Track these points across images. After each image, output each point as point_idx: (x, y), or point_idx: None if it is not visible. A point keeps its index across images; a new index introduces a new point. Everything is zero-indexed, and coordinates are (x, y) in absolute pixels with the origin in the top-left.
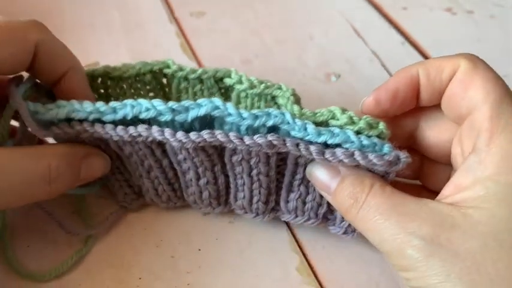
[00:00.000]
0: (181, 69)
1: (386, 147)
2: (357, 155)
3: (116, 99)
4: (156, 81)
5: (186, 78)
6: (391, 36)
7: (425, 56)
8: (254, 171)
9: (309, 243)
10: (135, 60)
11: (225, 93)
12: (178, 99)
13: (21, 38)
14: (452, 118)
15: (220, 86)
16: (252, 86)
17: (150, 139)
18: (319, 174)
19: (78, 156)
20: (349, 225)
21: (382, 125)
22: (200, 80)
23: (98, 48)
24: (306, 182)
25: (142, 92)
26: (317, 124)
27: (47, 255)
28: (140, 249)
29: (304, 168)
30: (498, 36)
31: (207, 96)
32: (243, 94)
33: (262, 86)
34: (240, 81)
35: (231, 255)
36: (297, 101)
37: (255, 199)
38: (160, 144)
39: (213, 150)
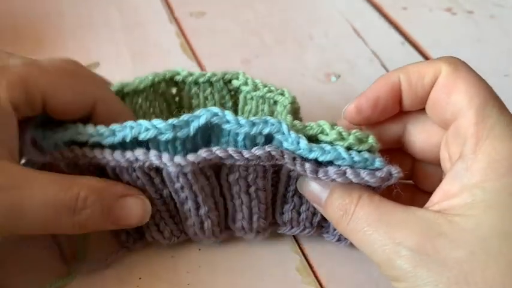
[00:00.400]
0: (191, 74)
1: (378, 162)
2: (349, 174)
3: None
4: (169, 90)
5: (196, 83)
6: (391, 36)
7: (425, 56)
8: (252, 188)
9: (309, 243)
10: (135, 60)
11: (234, 95)
12: (190, 105)
13: (85, 93)
14: (438, 123)
15: (229, 88)
16: (255, 88)
17: (147, 164)
18: (310, 187)
19: (113, 195)
20: None
21: (371, 139)
22: (210, 83)
23: (98, 48)
24: (299, 192)
25: (158, 103)
26: (307, 137)
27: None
28: (140, 249)
29: (297, 180)
30: (498, 36)
31: (217, 100)
32: (248, 96)
33: (265, 89)
34: (245, 83)
35: (231, 255)
36: (295, 110)
37: (255, 217)
38: (159, 171)
39: (211, 172)
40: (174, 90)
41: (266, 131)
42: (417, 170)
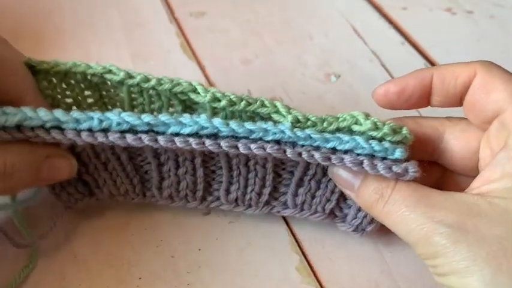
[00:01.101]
0: (130, 76)
1: (398, 152)
2: (366, 165)
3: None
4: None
5: (139, 86)
6: (391, 36)
7: (425, 56)
8: (251, 162)
9: (309, 243)
10: (135, 60)
11: (190, 107)
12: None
13: None
14: (478, 123)
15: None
16: (231, 104)
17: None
18: (342, 173)
19: (39, 156)
20: (360, 223)
21: (405, 130)
22: (157, 93)
23: (98, 48)
24: (317, 177)
25: (82, 91)
26: (339, 129)
27: None
28: (140, 249)
29: (317, 165)
30: (498, 36)
31: (166, 108)
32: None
33: (243, 103)
34: (215, 99)
35: (231, 255)
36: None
37: (249, 189)
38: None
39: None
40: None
41: (268, 138)
42: (447, 181)
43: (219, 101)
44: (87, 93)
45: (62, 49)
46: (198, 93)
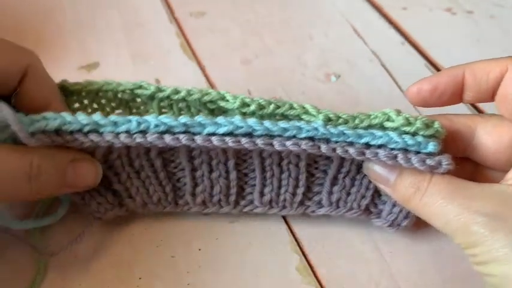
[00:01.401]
0: (160, 90)
1: (432, 145)
2: (400, 158)
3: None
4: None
5: (169, 99)
6: (391, 36)
7: (425, 56)
8: (284, 161)
9: (309, 243)
10: (136, 60)
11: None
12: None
13: (15, 57)
14: (511, 116)
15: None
16: (260, 108)
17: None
18: (378, 169)
19: (65, 159)
20: (396, 218)
21: (437, 124)
22: (187, 105)
23: (98, 48)
24: (351, 175)
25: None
26: (371, 127)
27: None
28: (140, 249)
29: (351, 163)
30: (498, 36)
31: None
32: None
33: (272, 106)
34: (244, 104)
35: (231, 255)
36: None
37: (283, 189)
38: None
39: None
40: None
41: (302, 135)
42: (479, 177)
43: (248, 106)
44: (117, 111)
45: (63, 49)
46: (227, 100)
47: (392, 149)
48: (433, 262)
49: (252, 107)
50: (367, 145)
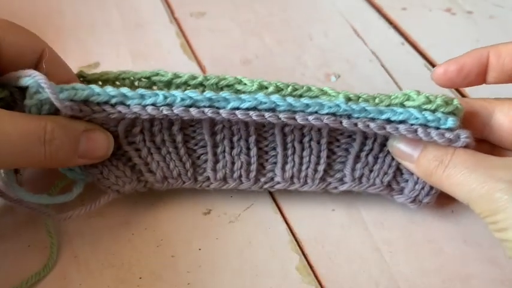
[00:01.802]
0: (177, 76)
1: (451, 120)
2: (420, 132)
3: None
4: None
5: (187, 84)
6: (390, 36)
7: (425, 56)
8: (306, 138)
9: (309, 243)
10: (136, 60)
11: None
12: None
13: (31, 39)
14: None
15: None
16: (278, 90)
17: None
18: (402, 146)
19: (78, 128)
20: (418, 194)
21: (456, 101)
22: (203, 90)
23: (98, 48)
24: (374, 153)
25: None
26: (391, 106)
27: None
28: (140, 249)
29: (373, 141)
30: (497, 37)
31: None
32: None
33: (290, 88)
34: (262, 86)
35: (231, 255)
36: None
37: (304, 166)
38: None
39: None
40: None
41: (324, 111)
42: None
43: (266, 88)
44: None
45: (63, 49)
46: (245, 84)
47: (412, 124)
48: (433, 262)
49: (270, 89)
50: (388, 121)
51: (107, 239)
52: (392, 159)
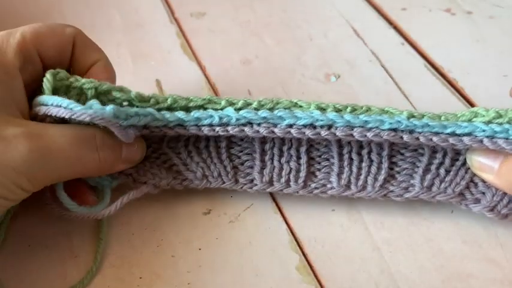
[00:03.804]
0: (231, 103)
1: None
2: (486, 141)
3: None
4: None
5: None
6: (390, 36)
7: (425, 57)
8: (364, 150)
9: (309, 243)
10: (136, 60)
11: None
12: None
13: (61, 31)
14: None
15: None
16: (336, 111)
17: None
18: (481, 158)
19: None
20: (496, 205)
21: None
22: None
23: None
24: (445, 166)
25: None
26: None
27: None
28: (140, 249)
29: (443, 155)
30: (497, 37)
31: None
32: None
33: (349, 109)
34: (319, 108)
35: (231, 255)
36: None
37: (363, 176)
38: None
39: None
40: None
41: (385, 127)
42: None
43: (324, 110)
44: None
45: None
46: (301, 106)
47: (476, 136)
48: (433, 262)
49: (329, 111)
50: (453, 134)
51: (106, 239)
52: (466, 172)
